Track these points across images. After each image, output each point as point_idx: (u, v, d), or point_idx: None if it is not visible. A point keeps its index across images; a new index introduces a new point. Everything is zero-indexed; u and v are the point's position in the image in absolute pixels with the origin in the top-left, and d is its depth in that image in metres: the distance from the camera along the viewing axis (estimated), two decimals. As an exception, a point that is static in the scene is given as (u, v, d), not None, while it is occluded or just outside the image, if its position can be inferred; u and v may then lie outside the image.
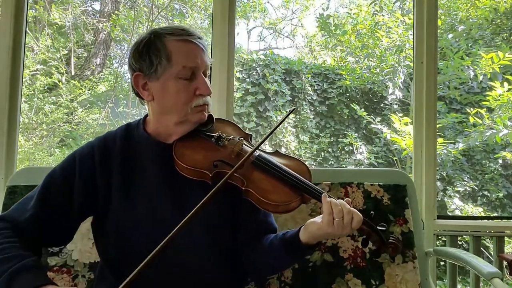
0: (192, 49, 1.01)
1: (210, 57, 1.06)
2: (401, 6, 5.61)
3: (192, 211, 0.82)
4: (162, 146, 1.05)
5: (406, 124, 4.53)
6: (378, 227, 0.94)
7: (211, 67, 1.09)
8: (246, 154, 1.00)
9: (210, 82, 1.13)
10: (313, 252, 1.01)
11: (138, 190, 1.01)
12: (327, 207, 0.90)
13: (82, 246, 1.37)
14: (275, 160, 1.04)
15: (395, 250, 0.94)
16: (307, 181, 1.00)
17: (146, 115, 1.11)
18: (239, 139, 1.07)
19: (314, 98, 6.04)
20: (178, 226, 0.81)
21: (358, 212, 0.91)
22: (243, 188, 0.97)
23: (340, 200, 0.92)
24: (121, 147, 1.05)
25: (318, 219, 0.94)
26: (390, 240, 0.94)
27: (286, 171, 1.00)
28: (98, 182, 1.01)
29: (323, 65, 6.72)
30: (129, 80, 1.05)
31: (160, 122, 1.05)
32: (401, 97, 5.62)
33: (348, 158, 5.81)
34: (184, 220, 0.81)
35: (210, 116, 1.09)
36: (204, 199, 0.85)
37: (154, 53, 0.99)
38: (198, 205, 0.84)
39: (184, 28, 1.02)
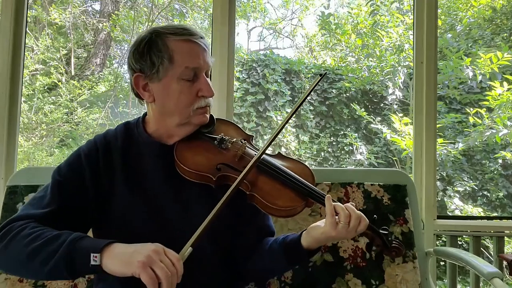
0: (194, 50, 0.98)
1: (211, 56, 1.04)
2: (398, 6, 5.62)
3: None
4: (163, 147, 1.03)
5: (406, 124, 4.53)
6: (381, 231, 0.95)
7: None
8: (249, 157, 0.99)
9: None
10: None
11: (139, 189, 1.00)
12: (330, 209, 0.90)
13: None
14: (278, 163, 1.03)
15: (398, 254, 0.95)
16: (311, 185, 0.99)
17: (145, 114, 1.09)
18: (242, 141, 1.05)
19: (314, 98, 6.04)
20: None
21: (365, 217, 0.91)
22: (247, 193, 0.96)
23: (348, 205, 0.92)
24: (122, 146, 1.03)
25: (320, 223, 0.94)
26: (393, 245, 0.95)
27: (291, 175, 0.99)
28: (103, 179, 0.99)
29: (323, 65, 6.73)
30: (129, 80, 1.04)
31: (160, 123, 1.03)
32: (401, 97, 5.62)
33: (348, 158, 5.81)
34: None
35: (211, 117, 1.07)
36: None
37: (155, 54, 0.96)
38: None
39: (186, 28, 0.99)
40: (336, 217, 0.90)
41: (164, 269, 0.77)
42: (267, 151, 1.00)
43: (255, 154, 0.98)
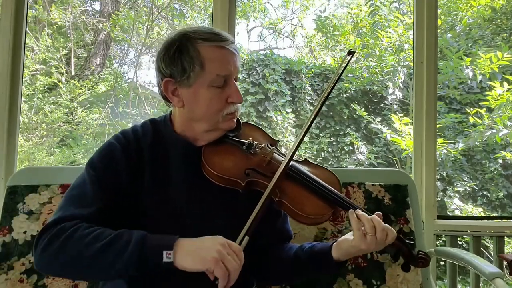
0: (226, 56, 0.97)
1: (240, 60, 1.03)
2: (398, 7, 5.62)
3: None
4: (190, 146, 1.03)
5: (406, 124, 4.53)
6: (406, 241, 0.95)
7: None
8: (277, 163, 0.98)
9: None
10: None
11: (164, 188, 0.99)
12: (355, 223, 0.90)
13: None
14: (306, 170, 1.02)
15: (425, 264, 0.95)
16: (340, 193, 0.99)
17: (171, 112, 1.08)
18: (269, 147, 1.04)
19: (314, 98, 6.05)
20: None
21: (392, 229, 0.91)
22: (276, 199, 0.95)
23: (374, 216, 0.91)
24: (151, 142, 1.02)
25: (349, 236, 0.94)
26: (419, 255, 0.95)
27: (320, 183, 0.99)
28: (135, 176, 0.98)
29: (323, 65, 6.73)
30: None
31: (188, 127, 1.02)
32: (401, 97, 5.62)
33: (349, 158, 5.81)
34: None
35: (237, 121, 1.06)
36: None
37: (186, 60, 0.95)
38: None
39: (217, 33, 0.98)
40: (363, 228, 0.90)
41: (232, 262, 0.81)
42: (293, 157, 0.99)
43: (283, 160, 0.97)
